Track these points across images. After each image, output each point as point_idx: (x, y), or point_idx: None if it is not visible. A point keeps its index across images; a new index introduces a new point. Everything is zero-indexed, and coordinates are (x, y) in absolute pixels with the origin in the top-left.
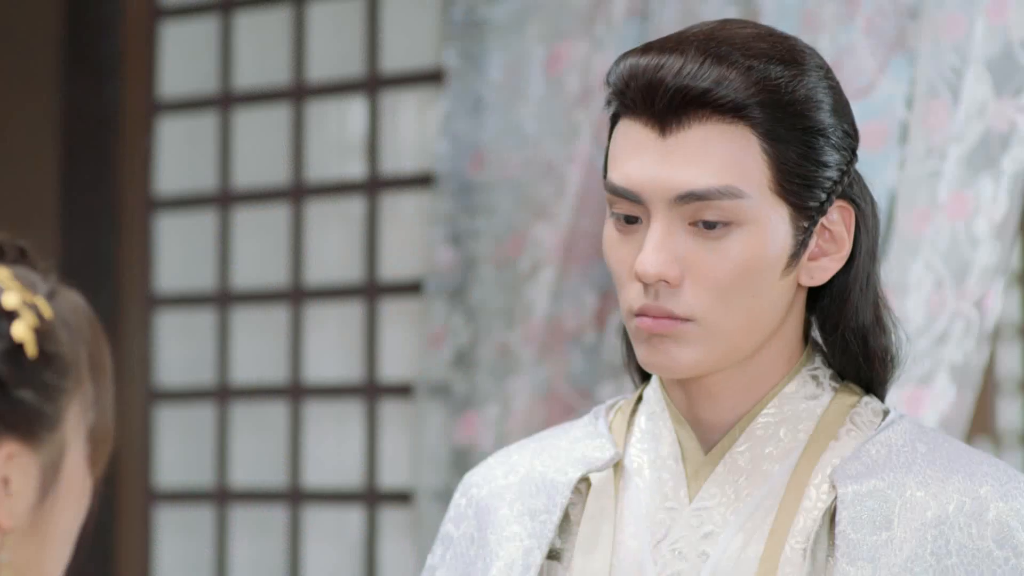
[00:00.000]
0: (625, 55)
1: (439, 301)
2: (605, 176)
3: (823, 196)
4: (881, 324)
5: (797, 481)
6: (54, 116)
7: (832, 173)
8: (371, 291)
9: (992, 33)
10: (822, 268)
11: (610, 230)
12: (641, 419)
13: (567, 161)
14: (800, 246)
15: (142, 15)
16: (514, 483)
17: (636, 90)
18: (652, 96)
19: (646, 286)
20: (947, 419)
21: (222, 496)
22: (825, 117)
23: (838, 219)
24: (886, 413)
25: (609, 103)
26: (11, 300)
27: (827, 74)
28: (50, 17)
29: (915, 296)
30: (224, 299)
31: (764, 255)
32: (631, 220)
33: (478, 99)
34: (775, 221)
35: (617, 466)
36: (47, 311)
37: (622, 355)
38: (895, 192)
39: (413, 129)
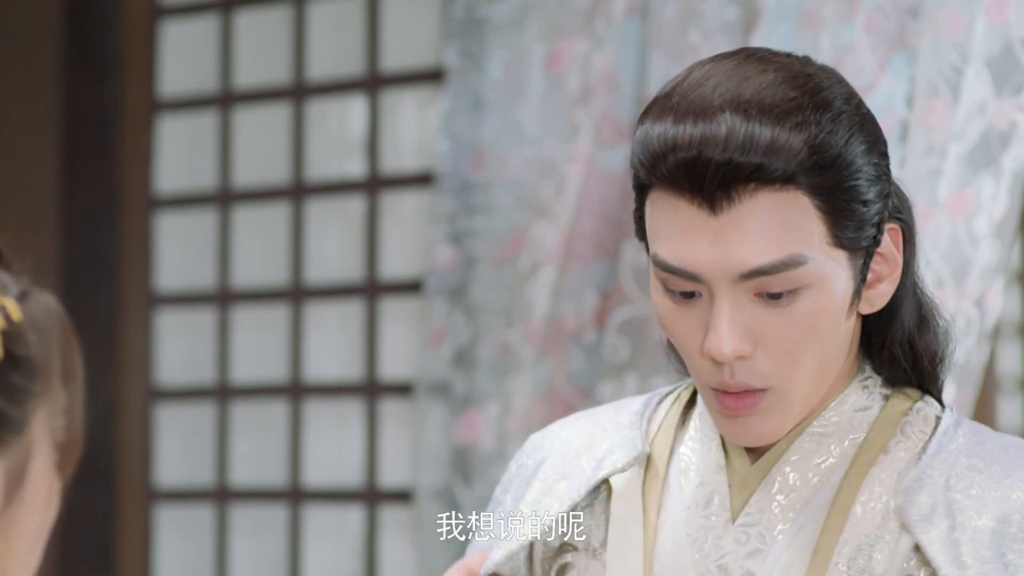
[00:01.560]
0: (650, 123)
1: (439, 300)
2: (645, 244)
3: (874, 231)
4: (926, 323)
5: (844, 499)
6: (54, 115)
7: (878, 206)
8: (371, 290)
9: (992, 31)
10: (880, 294)
11: (664, 300)
12: (696, 417)
13: (567, 160)
14: (860, 283)
15: (142, 14)
16: (548, 457)
17: (677, 167)
18: (700, 175)
19: (718, 363)
20: None
21: (222, 495)
22: (864, 155)
23: (888, 241)
24: (938, 420)
25: (632, 168)
26: None
27: (857, 104)
28: (50, 15)
29: None
30: (224, 298)
31: (831, 307)
32: (688, 294)
33: (478, 98)
34: (836, 271)
35: (649, 461)
36: (16, 313)
37: (671, 363)
38: None
39: (413, 128)
